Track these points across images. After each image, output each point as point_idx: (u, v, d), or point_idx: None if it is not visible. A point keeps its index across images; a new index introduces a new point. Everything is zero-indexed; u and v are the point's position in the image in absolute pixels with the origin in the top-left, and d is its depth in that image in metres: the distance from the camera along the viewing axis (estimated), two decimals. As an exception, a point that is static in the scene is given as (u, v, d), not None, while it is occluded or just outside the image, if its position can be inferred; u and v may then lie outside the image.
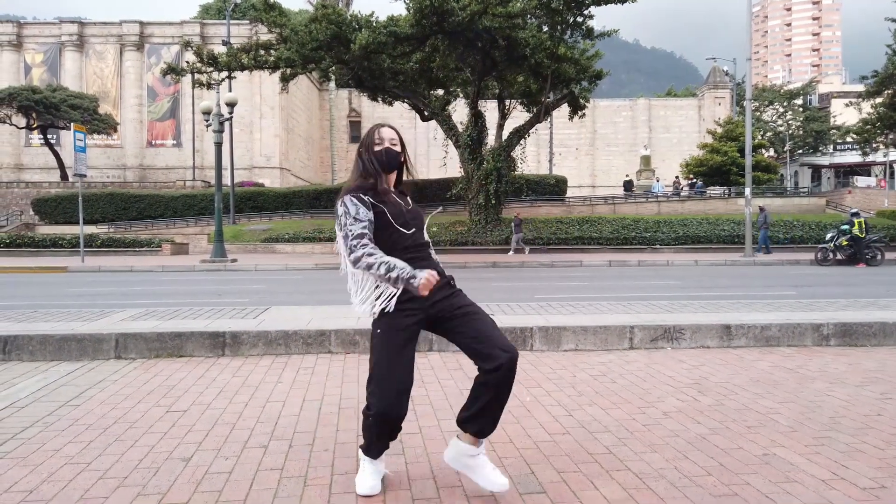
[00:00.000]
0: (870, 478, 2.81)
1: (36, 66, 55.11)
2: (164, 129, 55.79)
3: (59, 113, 43.82)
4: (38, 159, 53.89)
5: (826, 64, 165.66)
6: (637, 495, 2.64)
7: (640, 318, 6.10)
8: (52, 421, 3.70)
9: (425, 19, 21.75)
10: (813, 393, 4.23)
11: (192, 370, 4.99)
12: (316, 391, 4.37)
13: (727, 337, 5.76)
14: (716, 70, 66.36)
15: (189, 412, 3.89)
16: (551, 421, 3.67)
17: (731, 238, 27.89)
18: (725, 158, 44.82)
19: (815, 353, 5.54)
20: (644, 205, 37.11)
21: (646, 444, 3.26)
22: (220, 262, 20.81)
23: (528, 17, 23.83)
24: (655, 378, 4.66)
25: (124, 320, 6.19)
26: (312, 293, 12.40)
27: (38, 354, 5.33)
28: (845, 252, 20.23)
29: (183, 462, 3.06)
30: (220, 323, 6.03)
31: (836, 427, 3.50)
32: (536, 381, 4.62)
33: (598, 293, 11.27)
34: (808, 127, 65.79)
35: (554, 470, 2.93)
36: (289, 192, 40.30)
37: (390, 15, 24.42)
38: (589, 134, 68.27)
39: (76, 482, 2.83)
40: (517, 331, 5.68)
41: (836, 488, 2.70)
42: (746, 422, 3.61)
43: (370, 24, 23.37)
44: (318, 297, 11.50)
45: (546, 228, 29.09)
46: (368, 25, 23.31)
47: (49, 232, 33.51)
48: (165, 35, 55.61)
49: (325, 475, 2.90)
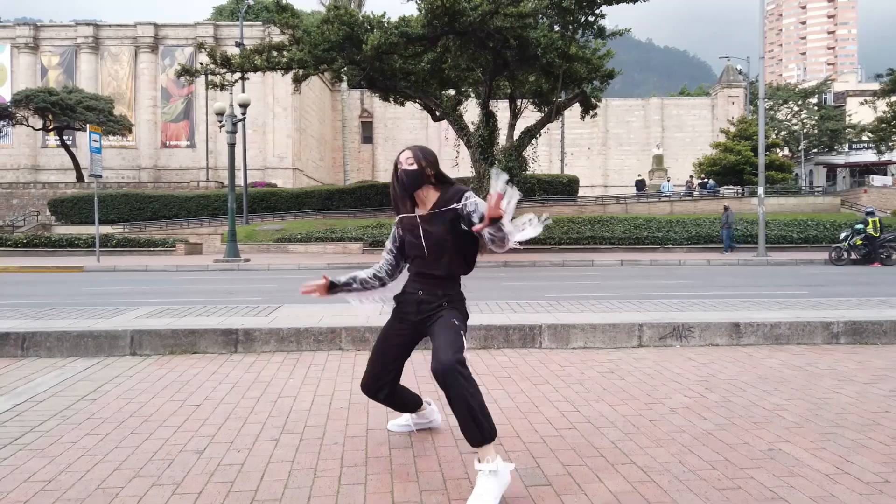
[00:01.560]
0: (874, 472, 2.83)
1: (52, 68, 55.70)
2: (178, 130, 56.22)
3: (74, 114, 44.25)
4: (55, 160, 54.46)
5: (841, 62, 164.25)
6: (641, 488, 2.68)
7: (649, 317, 6.12)
8: (69, 415, 3.79)
9: (436, 20, 21.81)
10: (821, 390, 4.24)
11: (206, 366, 5.06)
12: (327, 387, 4.44)
13: (736, 335, 5.77)
14: (729, 69, 65.97)
15: (202, 406, 3.96)
16: (558, 416, 3.71)
17: (744, 238, 27.72)
18: (739, 158, 44.55)
19: (824, 351, 5.54)
20: (656, 204, 37.00)
21: (651, 439, 3.30)
22: (233, 262, 20.96)
23: (539, 17, 23.84)
24: (663, 375, 4.69)
25: (139, 318, 6.29)
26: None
27: (56, 351, 5.43)
28: (860, 251, 20.08)
29: (196, 454, 3.13)
30: (233, 320, 6.12)
31: (843, 423, 3.52)
32: (544, 377, 4.66)
33: (609, 292, 11.28)
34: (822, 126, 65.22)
35: (560, 463, 2.97)
36: (301, 193, 40.51)
37: (402, 15, 24.49)
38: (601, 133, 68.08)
39: (93, 473, 2.90)
40: (526, 328, 5.72)
41: (840, 482, 2.72)
42: (753, 418, 3.63)
43: (382, 25, 23.46)
44: (329, 295, 11.57)
45: (558, 228, 29.06)
46: (380, 26, 23.41)
47: (65, 232, 33.89)
48: (179, 37, 56.03)
49: (334, 467, 2.96)
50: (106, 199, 37.28)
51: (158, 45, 55.93)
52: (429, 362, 2.88)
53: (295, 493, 2.68)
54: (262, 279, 15.92)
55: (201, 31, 55.19)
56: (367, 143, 67.79)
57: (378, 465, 2.98)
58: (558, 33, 23.92)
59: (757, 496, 2.59)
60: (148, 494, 2.67)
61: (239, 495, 2.66)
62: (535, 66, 24.79)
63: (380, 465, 2.99)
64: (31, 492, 2.70)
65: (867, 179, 60.16)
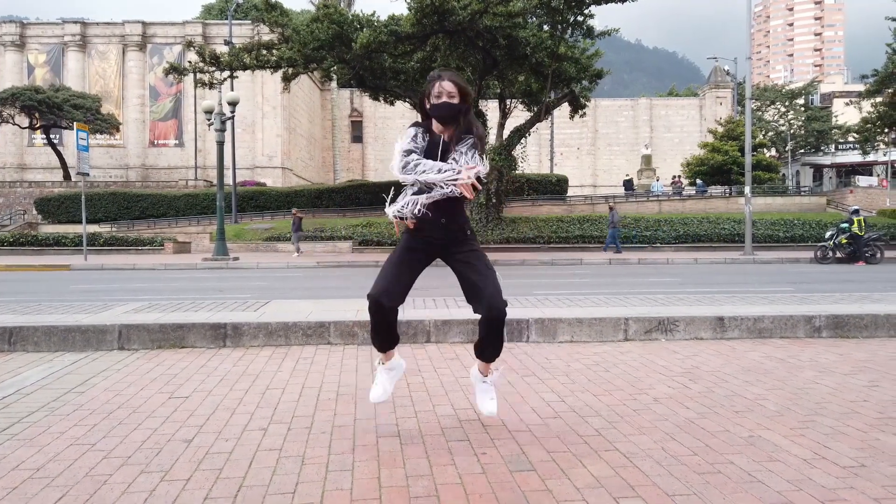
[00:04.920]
0: (850, 457, 2.89)
1: (39, 66, 55.34)
2: (167, 128, 56.00)
3: (61, 113, 44.00)
4: (41, 159, 54.11)
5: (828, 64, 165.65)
6: (623, 472, 2.73)
7: (635, 311, 6.19)
8: (57, 406, 3.80)
9: (426, 18, 21.87)
10: (802, 381, 4.31)
11: (194, 360, 5.08)
12: (315, 379, 4.46)
13: (721, 329, 5.84)
14: (717, 70, 66.45)
15: (191, 398, 3.98)
16: (544, 406, 3.76)
17: (731, 237, 27.95)
18: (727, 158, 44.92)
19: (807, 344, 5.62)
20: (645, 204, 37.24)
21: (635, 427, 3.35)
22: (222, 260, 20.93)
23: (528, 17, 23.96)
24: (648, 367, 4.75)
25: (127, 313, 6.29)
26: (313, 289, 12.51)
27: (43, 345, 5.43)
28: (845, 250, 20.28)
29: (184, 443, 3.15)
30: (222, 315, 6.13)
31: (822, 412, 3.59)
32: (531, 370, 4.70)
33: (597, 289, 11.36)
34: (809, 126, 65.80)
35: (544, 450, 3.02)
36: (291, 192, 40.46)
37: (391, 14, 24.56)
38: (591, 133, 68.39)
39: (81, 461, 2.92)
40: (513, 323, 5.75)
41: (818, 467, 2.78)
42: (734, 407, 3.69)
43: (371, 24, 23.50)
44: (318, 292, 11.60)
45: (547, 227, 29.18)
46: (370, 25, 23.44)
47: (52, 231, 33.67)
48: (168, 35, 55.81)
49: (322, 454, 2.99)
50: (93, 197, 37.08)
51: (147, 44, 55.68)
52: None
53: (283, 480, 2.71)
54: (250, 277, 15.91)
55: (190, 29, 55.00)
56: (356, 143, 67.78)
57: (365, 453, 3.01)
58: (547, 33, 24.05)
59: (736, 479, 2.65)
60: (136, 481, 2.69)
61: (227, 482, 2.69)
62: (524, 65, 24.91)
63: (367, 452, 3.02)
64: (20, 479, 2.71)
65: (853, 179, 60.72)
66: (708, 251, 25.94)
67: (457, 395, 3.98)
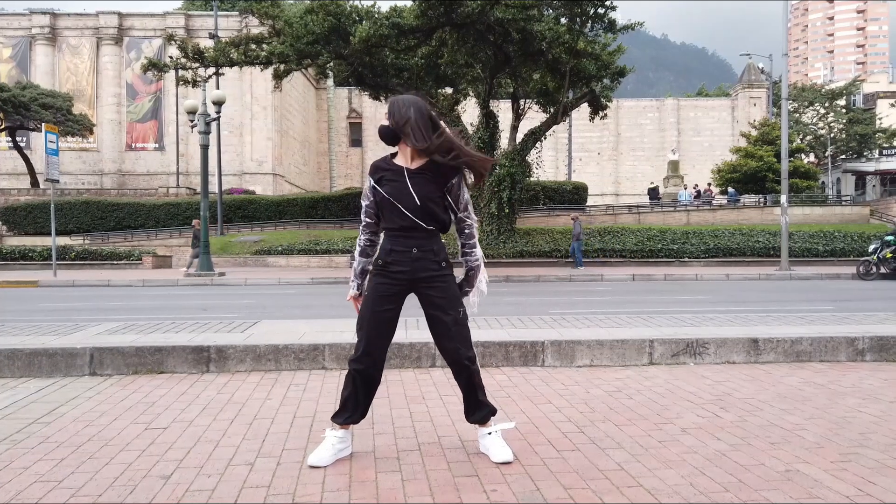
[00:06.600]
0: (900, 495, 2.87)
1: (3, 61, 55.60)
2: (146, 131, 56.23)
3: (29, 113, 44.22)
4: (6, 164, 54.25)
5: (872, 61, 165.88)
6: (648, 512, 2.72)
7: (660, 332, 6.18)
8: (20, 438, 3.80)
9: (432, 10, 21.97)
10: (843, 409, 4.30)
11: (174, 387, 5.09)
12: (308, 408, 4.46)
13: (755, 352, 5.83)
14: (751, 68, 66.54)
15: (170, 429, 3.99)
16: (560, 437, 3.75)
17: (766, 250, 27.91)
18: (761, 164, 44.85)
19: (848, 368, 5.61)
20: (672, 214, 37.21)
21: (661, 460, 3.34)
22: (206, 276, 20.98)
23: (544, 8, 24.02)
24: (675, 394, 4.74)
25: (100, 334, 6.31)
26: (307, 307, 12.53)
27: (6, 370, 5.43)
28: (890, 265, 20.21)
29: (162, 480, 3.15)
30: (205, 337, 6.14)
31: (866, 443, 3.58)
32: (547, 397, 4.70)
33: (619, 307, 11.34)
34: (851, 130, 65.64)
35: (561, 487, 3.01)
36: (282, 201, 40.60)
37: (393, 5, 24.67)
38: (612, 137, 68.45)
39: (47, 500, 2.92)
40: (527, 345, 5.76)
41: (863, 505, 2.77)
42: (770, 438, 3.68)
43: (371, 16, 23.63)
44: (312, 311, 11.61)
45: (564, 240, 29.17)
46: (370, 17, 23.58)
47: (18, 243, 33.79)
48: (147, 28, 56.06)
49: (315, 492, 2.99)
50: (64, 206, 37.25)
51: (123, 37, 55.92)
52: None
53: (270, 519, 2.71)
54: (238, 295, 15.94)
55: (171, 21, 55.27)
56: (355, 147, 67.83)
57: (363, 490, 3.01)
58: (565, 26, 24.09)
59: (773, 520, 2.64)
60: (109, 520, 2.69)
61: (209, 521, 2.69)
62: (539, 62, 24.98)
63: (365, 489, 3.02)
64: (-19, 517, 2.72)
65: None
66: (740, 266, 25.90)
67: (464, 426, 3.97)
